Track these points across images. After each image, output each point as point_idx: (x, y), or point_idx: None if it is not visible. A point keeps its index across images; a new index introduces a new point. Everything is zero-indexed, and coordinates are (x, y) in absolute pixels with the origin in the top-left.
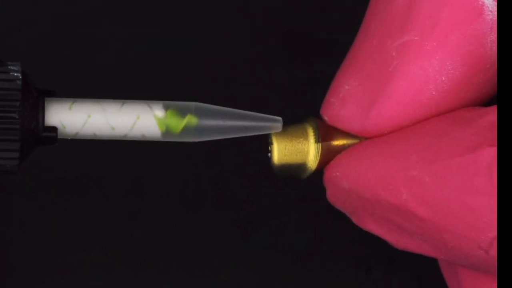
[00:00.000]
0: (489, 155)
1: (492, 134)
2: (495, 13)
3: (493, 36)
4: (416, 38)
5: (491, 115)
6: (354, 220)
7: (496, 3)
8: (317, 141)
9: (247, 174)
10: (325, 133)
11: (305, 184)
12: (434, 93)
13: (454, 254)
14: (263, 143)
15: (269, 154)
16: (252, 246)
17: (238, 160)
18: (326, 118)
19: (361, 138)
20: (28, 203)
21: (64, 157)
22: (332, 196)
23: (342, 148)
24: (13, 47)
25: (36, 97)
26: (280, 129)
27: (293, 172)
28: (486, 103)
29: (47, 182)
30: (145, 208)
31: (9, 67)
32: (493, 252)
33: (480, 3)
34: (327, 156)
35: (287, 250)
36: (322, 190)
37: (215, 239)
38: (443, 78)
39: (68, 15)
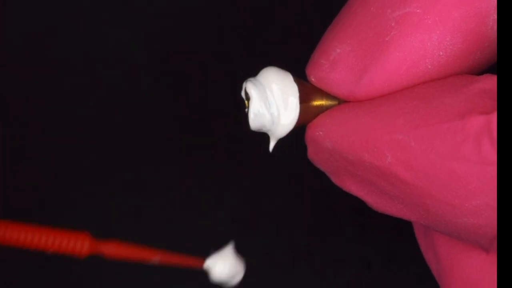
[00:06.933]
0: (478, 123)
1: (482, 102)
2: None
3: (495, 16)
4: (418, 10)
5: (481, 82)
6: (334, 179)
7: None
8: None
9: (248, 172)
10: (305, 94)
11: (305, 182)
12: (429, 67)
13: (435, 220)
14: (263, 143)
15: (246, 109)
16: (252, 243)
17: (238, 158)
18: (313, 78)
19: (342, 100)
20: (27, 202)
21: (64, 155)
22: (313, 154)
23: (321, 109)
24: (12, 46)
25: None
26: None
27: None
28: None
29: (47, 180)
30: (146, 205)
31: None
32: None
33: None
34: (305, 117)
35: (287, 245)
36: (322, 188)
37: (216, 237)
38: (441, 53)
39: (67, 14)
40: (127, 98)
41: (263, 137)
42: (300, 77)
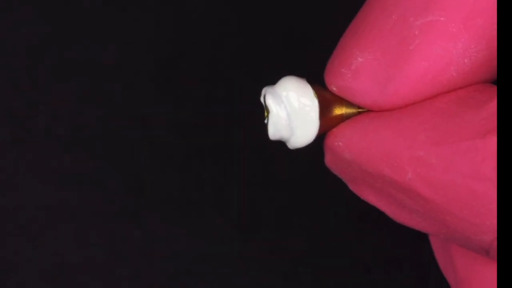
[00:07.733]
0: None
1: None
2: None
3: None
4: (442, 19)
5: None
6: (351, 187)
7: None
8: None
9: (247, 174)
10: (325, 104)
11: (305, 184)
12: (454, 74)
13: (454, 235)
14: (263, 145)
15: (266, 120)
16: (252, 246)
17: (238, 160)
18: (334, 88)
19: (361, 108)
20: (28, 202)
21: (64, 157)
22: (331, 163)
23: (341, 118)
24: (12, 47)
25: None
26: None
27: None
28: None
29: (47, 181)
30: (145, 208)
31: None
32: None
33: None
34: (325, 127)
35: (287, 250)
36: (322, 192)
37: (215, 240)
38: (466, 61)
39: (68, 15)
40: (128, 101)
41: (263, 140)
42: (316, 82)
